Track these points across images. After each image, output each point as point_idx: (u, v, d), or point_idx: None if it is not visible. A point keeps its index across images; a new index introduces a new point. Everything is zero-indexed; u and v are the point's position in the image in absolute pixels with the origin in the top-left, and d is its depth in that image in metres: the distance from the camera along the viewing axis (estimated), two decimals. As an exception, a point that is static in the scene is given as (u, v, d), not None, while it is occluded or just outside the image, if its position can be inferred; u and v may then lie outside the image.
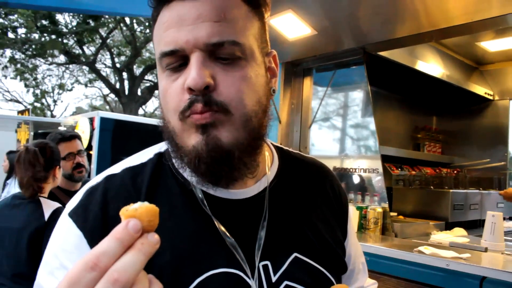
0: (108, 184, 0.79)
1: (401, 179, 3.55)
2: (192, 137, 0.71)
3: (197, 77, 0.68)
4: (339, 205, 0.97)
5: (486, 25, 2.46)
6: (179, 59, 0.71)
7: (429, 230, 2.91)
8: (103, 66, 19.34)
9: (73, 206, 0.77)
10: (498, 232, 2.39)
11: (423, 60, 3.39)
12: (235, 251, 0.76)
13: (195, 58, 0.69)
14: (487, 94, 4.18)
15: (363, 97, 3.11)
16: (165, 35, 0.71)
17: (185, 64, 0.71)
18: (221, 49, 0.70)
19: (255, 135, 0.75)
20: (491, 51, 3.79)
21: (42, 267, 0.74)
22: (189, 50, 0.69)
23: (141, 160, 0.84)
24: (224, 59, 0.71)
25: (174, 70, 0.72)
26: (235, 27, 0.72)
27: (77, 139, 2.77)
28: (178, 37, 0.69)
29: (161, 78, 0.75)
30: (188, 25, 0.69)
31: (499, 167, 4.10)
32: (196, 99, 0.69)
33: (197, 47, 0.69)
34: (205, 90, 0.69)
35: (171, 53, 0.70)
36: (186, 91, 0.70)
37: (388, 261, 2.20)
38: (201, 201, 0.79)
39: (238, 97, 0.71)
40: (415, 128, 4.26)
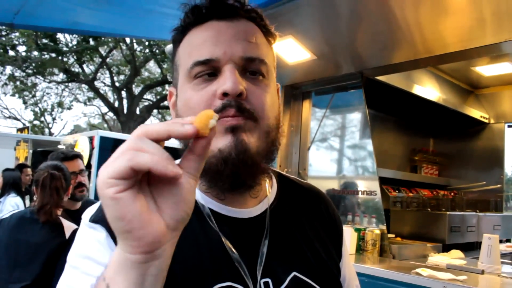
0: None
1: (398, 201, 3.59)
2: (219, 140, 0.75)
3: (234, 83, 0.74)
4: (334, 228, 1.01)
5: (480, 52, 2.53)
6: (210, 69, 0.78)
7: (427, 252, 2.93)
8: (102, 85, 19.47)
9: (93, 213, 0.80)
10: (495, 254, 2.41)
11: (420, 84, 3.46)
12: (239, 266, 0.80)
13: (230, 68, 0.76)
14: (483, 117, 4.24)
15: (361, 120, 3.16)
16: (201, 47, 0.78)
17: (214, 75, 0.78)
18: (252, 64, 0.78)
19: (271, 147, 0.82)
20: (486, 75, 3.86)
21: (67, 273, 0.75)
22: (224, 61, 0.76)
23: None
24: (252, 73, 0.79)
25: (203, 80, 0.78)
26: (262, 50, 0.81)
27: (79, 159, 2.80)
28: (215, 49, 0.77)
29: (185, 89, 0.81)
30: (226, 40, 0.78)
31: (496, 190, 4.14)
32: (230, 104, 0.74)
33: (233, 60, 0.77)
34: (238, 97, 0.75)
35: (206, 61, 0.77)
36: (218, 97, 0.76)
37: (386, 283, 2.22)
38: (208, 216, 0.83)
39: (264, 109, 0.79)
40: (412, 151, 4.31)
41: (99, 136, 6.77)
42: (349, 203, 3.11)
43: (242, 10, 0.83)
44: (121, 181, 0.49)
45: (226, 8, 0.81)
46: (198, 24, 0.82)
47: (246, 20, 0.83)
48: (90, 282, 0.71)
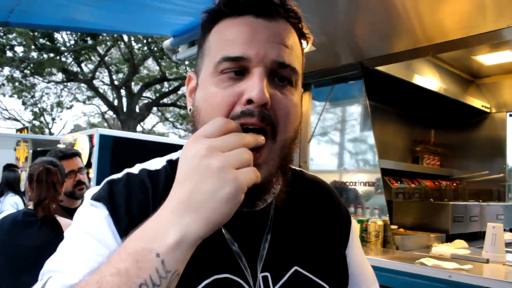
0: (129, 181, 0.81)
1: (400, 192, 3.56)
2: None
3: (262, 92, 0.70)
4: (340, 218, 0.99)
5: (481, 40, 2.50)
6: (239, 67, 0.73)
7: (430, 243, 2.91)
8: (101, 84, 19.44)
9: (96, 192, 0.79)
10: (499, 243, 2.40)
11: (420, 74, 3.43)
12: (239, 259, 0.78)
13: (259, 73, 0.72)
14: (484, 107, 4.22)
15: (361, 111, 3.14)
16: (233, 43, 0.74)
17: (241, 74, 0.74)
18: (283, 70, 0.74)
19: (284, 162, 0.79)
20: (487, 64, 3.84)
21: (64, 246, 0.74)
22: (255, 62, 0.72)
23: (155, 166, 0.86)
24: (280, 79, 0.75)
25: (228, 77, 0.74)
26: (296, 56, 0.77)
27: (78, 157, 2.79)
28: (249, 47, 0.73)
29: (210, 83, 0.77)
30: (261, 40, 0.73)
31: (498, 179, 4.12)
32: (251, 112, 0.71)
33: (264, 63, 0.73)
34: (262, 106, 0.72)
35: (236, 59, 0.73)
36: (241, 101, 0.72)
37: (390, 274, 2.21)
38: None
39: (286, 122, 0.75)
40: (413, 142, 4.29)
41: (99, 134, 6.73)
42: (351, 195, 3.09)
43: (283, 9, 0.78)
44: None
45: (266, 6, 0.76)
46: (233, 16, 0.77)
47: (284, 21, 0.78)
48: (85, 256, 0.70)
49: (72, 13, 3.61)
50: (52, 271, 0.71)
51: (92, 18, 3.84)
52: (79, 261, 0.70)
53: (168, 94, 19.39)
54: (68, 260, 0.71)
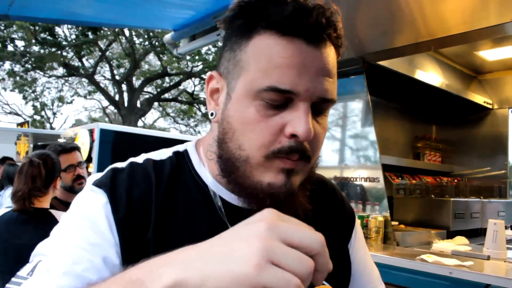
0: (133, 170, 0.80)
1: (401, 188, 3.55)
2: (270, 176, 0.73)
3: (310, 130, 0.70)
4: (343, 216, 0.99)
5: (484, 34, 2.47)
6: (284, 99, 0.71)
7: (431, 239, 2.90)
8: (102, 78, 19.43)
9: (98, 178, 0.78)
10: (500, 240, 2.38)
11: (422, 70, 3.41)
12: None
13: (306, 108, 0.71)
14: (486, 103, 4.19)
15: (362, 107, 3.12)
16: (284, 72, 0.69)
17: (284, 105, 0.72)
18: (324, 105, 0.74)
19: (310, 175, 0.81)
20: (490, 60, 3.80)
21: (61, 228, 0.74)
22: (303, 97, 0.70)
23: (161, 157, 0.85)
24: (319, 113, 0.76)
25: (272, 106, 0.72)
26: (336, 85, 0.76)
27: (77, 151, 2.77)
28: (299, 82, 0.69)
29: (248, 104, 0.73)
30: (310, 74, 0.70)
31: (500, 176, 4.10)
32: (298, 149, 0.72)
33: (311, 98, 0.71)
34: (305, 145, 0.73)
35: (284, 91, 0.70)
36: (286, 135, 0.71)
37: (391, 270, 2.19)
38: (219, 209, 0.79)
39: (318, 149, 0.78)
40: (415, 138, 4.26)
41: (99, 128, 6.73)
42: (352, 190, 3.07)
43: (334, 34, 0.75)
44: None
45: (319, 31, 0.71)
46: (282, 33, 0.70)
47: (330, 46, 0.74)
48: (76, 243, 0.69)
49: (72, 6, 3.60)
50: (42, 254, 0.70)
51: (92, 11, 3.83)
52: (69, 248, 0.69)
53: (169, 89, 19.39)
54: (59, 246, 0.70)
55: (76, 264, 0.67)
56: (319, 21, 0.70)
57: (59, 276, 0.66)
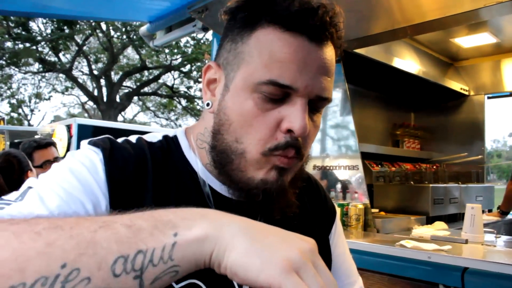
0: (127, 145, 0.78)
1: (381, 176, 3.57)
2: (263, 173, 0.75)
3: (306, 126, 0.72)
4: (325, 210, 1.01)
5: (459, 20, 2.48)
6: (283, 94, 0.72)
7: (411, 225, 2.93)
8: (80, 74, 19.12)
9: (95, 139, 0.75)
10: (478, 223, 2.41)
11: (399, 57, 3.42)
12: None
13: (303, 104, 0.72)
14: (463, 89, 4.24)
15: (341, 95, 3.12)
16: (285, 67, 0.70)
17: (282, 100, 0.73)
18: (320, 103, 0.77)
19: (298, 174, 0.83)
20: (465, 47, 3.84)
21: (47, 177, 0.70)
22: (301, 93, 0.72)
23: (151, 139, 0.84)
24: (315, 110, 0.78)
25: (269, 99, 0.73)
26: (332, 85, 0.78)
27: (53, 146, 2.72)
28: (299, 78, 0.71)
29: (247, 97, 0.73)
30: (311, 71, 0.72)
31: (477, 161, 4.16)
32: (293, 144, 0.73)
33: (308, 95, 0.73)
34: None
35: (283, 86, 0.71)
36: (282, 131, 0.72)
37: (371, 257, 2.20)
38: (208, 197, 0.79)
39: (309, 147, 0.80)
40: (393, 125, 4.30)
41: (77, 124, 6.63)
42: (331, 179, 3.08)
43: (335, 33, 0.76)
44: None
45: (322, 29, 0.73)
46: (285, 28, 0.71)
47: (331, 45, 0.76)
48: (58, 192, 0.65)
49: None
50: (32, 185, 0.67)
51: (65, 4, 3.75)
52: (50, 195, 0.65)
53: (148, 83, 19.20)
54: (52, 178, 0.68)
55: (67, 204, 0.64)
56: (323, 20, 0.72)
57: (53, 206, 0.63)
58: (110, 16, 5.14)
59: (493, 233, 2.54)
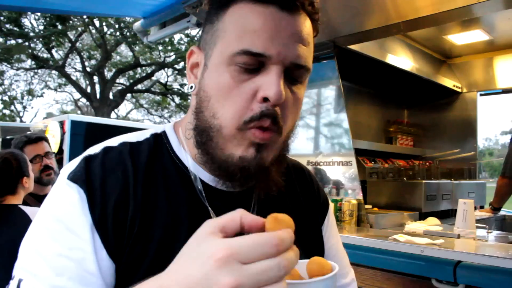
0: (106, 157, 0.77)
1: (374, 172, 3.59)
2: (241, 150, 0.73)
3: (280, 92, 0.70)
4: (318, 202, 1.01)
5: (452, 16, 2.49)
6: (257, 63, 0.72)
7: (404, 221, 2.94)
8: (73, 71, 19.02)
9: (72, 170, 0.74)
10: (470, 219, 2.43)
11: (393, 54, 3.43)
12: None
13: (278, 71, 0.71)
14: (456, 86, 4.26)
15: (334, 92, 3.12)
16: (256, 35, 0.71)
17: (257, 70, 0.72)
18: (297, 71, 0.74)
19: (283, 151, 0.80)
20: (458, 44, 3.87)
21: (37, 232, 0.71)
22: (275, 61, 0.71)
23: (138, 138, 0.83)
24: (293, 78, 0.75)
25: (244, 70, 0.72)
26: (310, 53, 0.77)
27: (44, 141, 2.70)
28: (272, 45, 0.70)
29: (223, 71, 0.73)
30: (283, 38, 0.71)
31: (469, 158, 4.19)
32: (268, 114, 0.71)
33: (283, 62, 0.72)
34: (275, 105, 0.72)
35: (256, 55, 0.70)
36: (258, 100, 0.71)
37: (364, 252, 2.21)
38: (200, 192, 0.79)
39: (292, 119, 0.77)
40: (387, 122, 4.32)
41: (70, 120, 6.59)
42: (325, 175, 3.09)
43: (307, 6, 0.77)
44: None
45: (292, 1, 0.73)
46: (254, 0, 0.73)
47: (304, 14, 0.76)
48: (56, 251, 0.67)
49: (35, -8, 3.47)
50: (24, 269, 0.68)
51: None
52: (49, 258, 0.67)
53: (142, 80, 19.13)
54: (38, 257, 0.68)
55: (59, 275, 0.65)
56: None
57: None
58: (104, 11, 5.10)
59: (484, 228, 2.56)
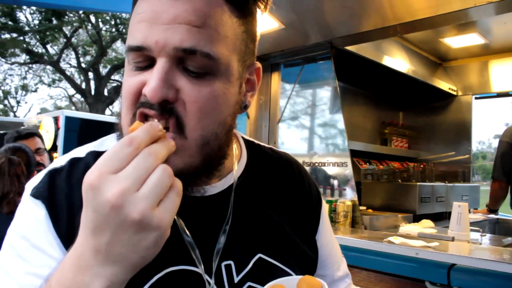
0: (72, 169, 0.75)
1: (369, 173, 3.59)
2: None
3: (157, 88, 0.62)
4: (309, 200, 0.96)
5: (448, 19, 2.50)
6: (146, 59, 0.65)
7: (398, 223, 2.94)
8: (68, 66, 18.91)
9: (35, 186, 0.73)
10: (464, 221, 2.43)
11: (390, 56, 3.44)
12: (192, 251, 0.72)
13: (160, 64, 0.63)
14: (451, 89, 4.27)
15: (331, 93, 3.12)
16: (136, 28, 0.64)
17: (151, 66, 0.65)
18: (192, 58, 0.63)
19: (212, 158, 0.70)
20: (454, 47, 3.87)
21: (4, 251, 0.70)
22: (157, 52, 0.63)
23: (106, 146, 0.80)
24: (192, 71, 0.65)
25: (137, 67, 0.67)
26: (214, 36, 0.64)
27: (36, 137, 2.68)
28: (149, 34, 0.62)
29: (125, 71, 0.69)
30: (162, 24, 0.62)
31: (463, 161, 4.20)
32: (151, 105, 0.63)
33: (166, 52, 0.62)
34: (163, 103, 0.63)
35: (137, 49, 0.64)
36: (143, 94, 0.65)
37: (358, 253, 2.21)
38: None
39: (199, 116, 0.65)
40: (382, 124, 4.32)
41: (64, 116, 6.55)
42: (320, 176, 3.08)
43: None
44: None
45: None
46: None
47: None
48: (23, 269, 0.66)
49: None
50: None
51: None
52: (15, 276, 0.66)
53: (137, 77, 19.01)
54: (7, 276, 0.67)
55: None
56: None
57: None
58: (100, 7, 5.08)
59: (478, 231, 2.57)
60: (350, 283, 1.03)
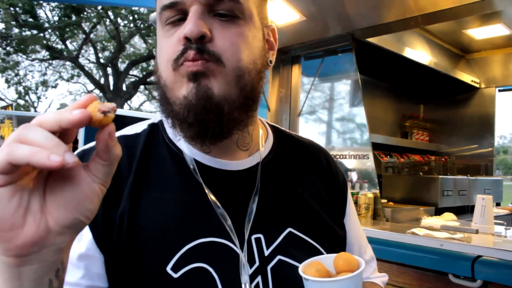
0: None
1: (390, 166, 3.56)
2: (184, 87, 0.71)
3: (193, 25, 0.68)
4: (336, 185, 0.97)
5: (472, 10, 2.45)
6: (179, 13, 0.72)
7: (420, 215, 2.92)
8: (87, 62, 19.10)
9: None
10: (488, 214, 2.40)
11: (411, 47, 3.40)
12: (224, 221, 0.75)
13: (193, 10, 0.70)
14: (474, 82, 4.20)
15: (352, 85, 3.10)
16: None
17: (184, 19, 0.71)
18: (220, 4, 0.71)
19: (247, 94, 0.74)
20: (477, 39, 3.80)
21: None
22: (189, 2, 0.70)
23: (135, 131, 0.84)
24: (222, 15, 0.72)
25: (172, 25, 0.73)
26: None
27: None
28: None
29: (159, 36, 0.75)
30: None
31: (486, 154, 4.14)
32: (190, 46, 0.69)
33: (198, 0, 0.70)
34: (200, 40, 0.69)
35: (171, 5, 0.71)
36: (181, 42, 0.70)
37: (380, 245, 2.20)
38: (193, 170, 0.78)
39: (233, 49, 0.71)
40: (402, 116, 4.28)
41: (85, 110, 6.64)
42: (341, 168, 3.07)
43: None
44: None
45: None
46: None
47: None
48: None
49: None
50: None
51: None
52: None
53: (155, 72, 19.12)
54: None
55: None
56: None
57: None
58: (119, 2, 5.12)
59: (503, 224, 2.53)
60: (376, 268, 1.03)
